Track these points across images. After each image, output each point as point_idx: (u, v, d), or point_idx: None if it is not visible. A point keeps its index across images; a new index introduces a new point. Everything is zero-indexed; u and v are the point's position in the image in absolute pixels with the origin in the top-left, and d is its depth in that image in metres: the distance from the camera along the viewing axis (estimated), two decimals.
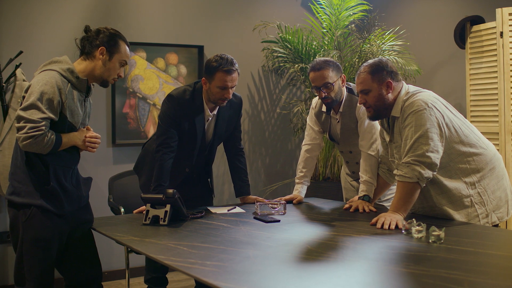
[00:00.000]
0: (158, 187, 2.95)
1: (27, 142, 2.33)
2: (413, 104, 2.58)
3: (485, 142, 2.72)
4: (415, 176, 2.49)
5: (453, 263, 1.94)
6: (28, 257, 2.44)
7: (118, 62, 2.57)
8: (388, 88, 2.66)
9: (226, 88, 2.94)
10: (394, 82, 2.67)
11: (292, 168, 5.29)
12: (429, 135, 2.50)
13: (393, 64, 2.73)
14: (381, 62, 2.70)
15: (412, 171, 2.49)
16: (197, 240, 2.32)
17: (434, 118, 2.53)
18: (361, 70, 2.71)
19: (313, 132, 3.33)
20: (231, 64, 2.93)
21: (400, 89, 2.69)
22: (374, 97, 2.67)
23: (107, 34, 2.55)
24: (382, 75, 2.66)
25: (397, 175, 2.56)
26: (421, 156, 2.49)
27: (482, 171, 2.63)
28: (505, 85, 3.86)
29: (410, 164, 2.51)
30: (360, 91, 2.71)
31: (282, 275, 1.86)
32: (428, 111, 2.53)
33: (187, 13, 4.79)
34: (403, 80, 2.78)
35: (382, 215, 2.55)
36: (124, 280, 4.48)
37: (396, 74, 2.70)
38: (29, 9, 4.20)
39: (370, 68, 2.68)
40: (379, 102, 2.67)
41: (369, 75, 2.67)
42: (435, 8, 4.90)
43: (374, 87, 2.66)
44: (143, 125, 4.64)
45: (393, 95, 2.68)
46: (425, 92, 2.66)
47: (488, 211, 2.62)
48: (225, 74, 2.91)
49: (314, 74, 3.06)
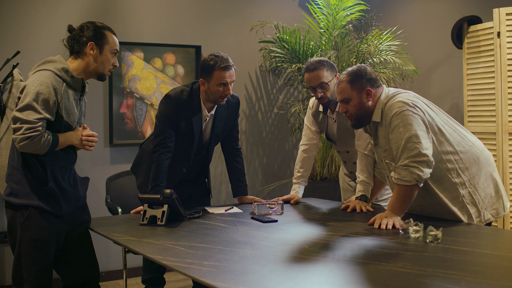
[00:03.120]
0: (155, 187, 2.94)
1: (24, 143, 2.32)
2: (393, 106, 2.58)
3: (471, 139, 2.73)
4: (413, 179, 2.49)
5: (450, 263, 1.95)
6: (26, 258, 2.44)
7: (109, 53, 2.56)
8: (368, 96, 2.67)
9: (226, 85, 2.95)
10: (374, 89, 2.68)
11: (290, 168, 5.29)
12: (418, 134, 2.51)
13: (372, 70, 2.74)
14: (359, 70, 2.70)
15: (411, 174, 2.49)
16: (194, 240, 2.32)
17: (417, 116, 2.54)
18: (341, 79, 2.73)
19: (310, 132, 3.33)
20: (226, 60, 2.94)
21: (380, 95, 2.70)
22: (354, 105, 2.68)
23: (92, 28, 2.53)
24: (361, 83, 2.67)
25: (395, 178, 2.56)
26: (418, 155, 2.49)
27: (470, 169, 2.64)
28: (502, 85, 3.87)
29: (408, 167, 2.50)
30: (341, 100, 2.72)
31: (280, 275, 1.86)
32: (411, 109, 2.54)
33: (185, 13, 4.79)
34: (400, 80, 2.78)
35: (379, 216, 2.56)
36: (121, 280, 4.47)
37: (376, 80, 2.71)
38: (26, 10, 4.19)
39: (349, 77, 2.69)
40: (360, 110, 2.68)
41: (348, 84, 2.68)
42: (433, 8, 4.90)
43: (354, 96, 2.67)
44: (141, 125, 4.64)
45: (373, 102, 2.69)
46: (404, 93, 2.66)
47: (480, 210, 2.64)
48: (223, 71, 2.92)
49: (309, 75, 3.07)
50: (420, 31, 4.96)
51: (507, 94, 3.85)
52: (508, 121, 3.84)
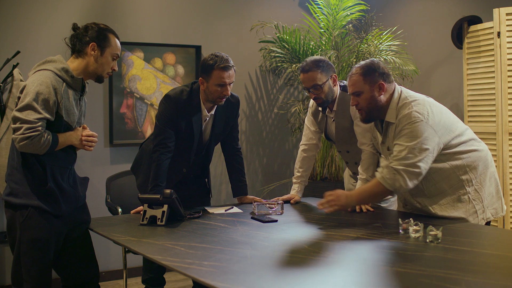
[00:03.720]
0: (155, 187, 2.94)
1: (24, 143, 2.32)
2: (409, 116, 2.56)
3: (477, 140, 2.74)
4: (393, 186, 2.51)
5: (450, 262, 1.94)
6: (26, 257, 2.44)
7: (110, 56, 2.57)
8: (381, 90, 2.65)
9: (225, 85, 2.94)
10: (386, 84, 2.66)
11: (290, 168, 5.29)
12: (423, 147, 2.50)
13: (385, 66, 2.72)
14: (373, 63, 2.68)
15: (394, 180, 2.50)
16: (194, 240, 2.32)
17: (431, 130, 2.52)
18: (353, 71, 2.69)
19: (310, 132, 3.33)
20: (226, 61, 2.93)
21: (392, 91, 2.68)
22: (366, 99, 2.65)
23: (96, 29, 2.54)
24: (374, 76, 2.64)
25: (379, 176, 2.56)
26: (411, 166, 2.49)
27: (478, 167, 2.65)
28: (502, 85, 3.87)
29: (396, 173, 2.50)
30: (352, 93, 2.69)
31: (280, 275, 1.86)
32: (425, 122, 2.52)
33: (185, 13, 4.79)
34: (400, 79, 2.78)
35: (335, 194, 2.61)
36: (121, 280, 4.47)
37: (388, 75, 2.69)
38: (26, 10, 4.19)
39: (362, 69, 2.66)
40: (372, 104, 2.66)
41: (361, 76, 2.65)
42: (433, 8, 4.90)
43: (366, 89, 2.65)
44: (141, 125, 4.64)
45: (385, 97, 2.66)
46: (419, 100, 2.62)
47: (484, 207, 2.65)
48: (222, 71, 2.92)
49: (303, 76, 3.06)
50: (420, 31, 4.96)
51: (507, 94, 3.85)
52: (508, 121, 3.84)
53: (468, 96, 4.17)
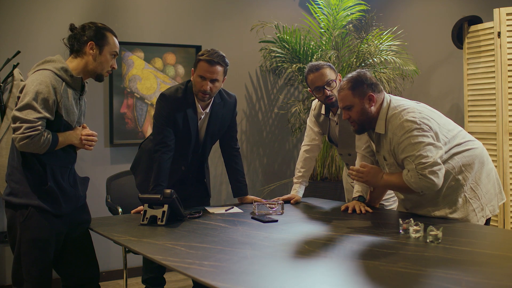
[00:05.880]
0: (156, 187, 2.94)
1: (24, 143, 2.32)
2: (402, 126, 2.56)
3: (471, 138, 2.75)
4: (421, 188, 2.51)
5: (450, 262, 1.94)
6: (26, 257, 2.44)
7: (109, 54, 2.57)
8: (371, 102, 2.65)
9: (205, 80, 2.91)
10: (375, 94, 2.66)
11: (290, 168, 5.29)
12: (429, 146, 2.51)
13: (372, 75, 2.72)
14: (359, 75, 2.68)
15: (422, 184, 2.50)
16: (194, 240, 2.32)
17: (427, 133, 2.53)
18: (341, 85, 2.70)
19: (313, 133, 3.34)
20: (216, 56, 2.91)
21: (382, 101, 2.68)
22: (357, 112, 2.66)
23: (93, 28, 2.54)
24: (363, 88, 2.65)
25: (406, 179, 2.55)
26: (433, 165, 2.48)
27: (473, 165, 2.65)
28: (503, 85, 3.87)
29: (422, 177, 2.49)
30: (343, 107, 2.70)
31: (280, 275, 1.86)
32: (419, 126, 2.53)
33: (185, 13, 4.79)
34: (401, 79, 2.78)
35: (368, 168, 2.66)
36: (121, 280, 4.47)
37: (377, 85, 2.69)
38: (26, 9, 4.19)
39: (349, 83, 2.66)
40: (363, 116, 2.67)
41: (349, 91, 2.65)
42: (433, 8, 4.90)
43: (356, 102, 2.65)
44: (141, 125, 4.64)
45: (376, 107, 2.67)
46: (409, 108, 2.61)
47: (482, 204, 2.65)
48: (205, 64, 2.90)
49: (314, 75, 3.06)
50: (420, 31, 4.96)
51: (508, 94, 3.85)
52: (508, 121, 3.84)
53: (468, 96, 4.17)
